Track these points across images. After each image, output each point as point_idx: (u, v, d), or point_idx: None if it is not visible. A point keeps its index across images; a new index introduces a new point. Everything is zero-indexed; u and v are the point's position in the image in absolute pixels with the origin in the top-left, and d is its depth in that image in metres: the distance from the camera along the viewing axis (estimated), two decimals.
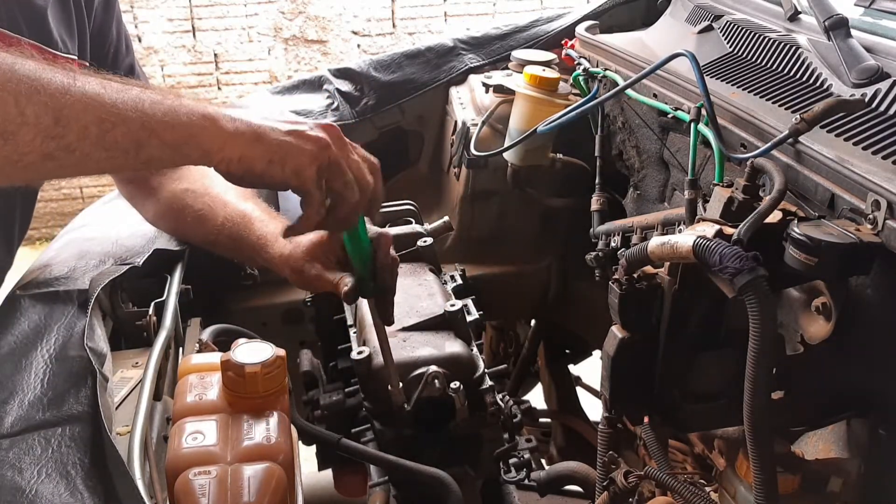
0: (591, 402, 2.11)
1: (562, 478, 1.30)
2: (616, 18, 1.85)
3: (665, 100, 1.31)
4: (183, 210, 1.24)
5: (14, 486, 0.76)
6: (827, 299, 0.88)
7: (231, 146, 0.84)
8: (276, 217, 1.22)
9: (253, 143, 0.85)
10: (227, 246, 1.23)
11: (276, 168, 0.86)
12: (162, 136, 0.79)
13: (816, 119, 0.98)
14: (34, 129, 0.71)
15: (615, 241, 1.43)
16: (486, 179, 1.74)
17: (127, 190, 1.33)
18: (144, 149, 0.79)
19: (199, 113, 0.82)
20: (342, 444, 1.11)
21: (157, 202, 1.28)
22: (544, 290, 1.92)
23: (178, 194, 1.26)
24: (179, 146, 0.81)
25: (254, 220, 1.19)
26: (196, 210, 1.23)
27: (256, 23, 5.03)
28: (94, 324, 1.00)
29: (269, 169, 0.86)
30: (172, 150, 0.81)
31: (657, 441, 1.15)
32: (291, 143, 0.87)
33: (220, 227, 1.21)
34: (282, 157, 0.86)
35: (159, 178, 1.27)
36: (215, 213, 1.22)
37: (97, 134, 0.75)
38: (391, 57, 1.85)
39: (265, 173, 0.86)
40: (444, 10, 5.21)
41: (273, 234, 1.17)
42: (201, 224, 1.23)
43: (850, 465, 0.97)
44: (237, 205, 1.23)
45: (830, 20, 1.17)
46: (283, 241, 1.14)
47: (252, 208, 1.22)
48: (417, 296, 1.22)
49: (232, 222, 1.20)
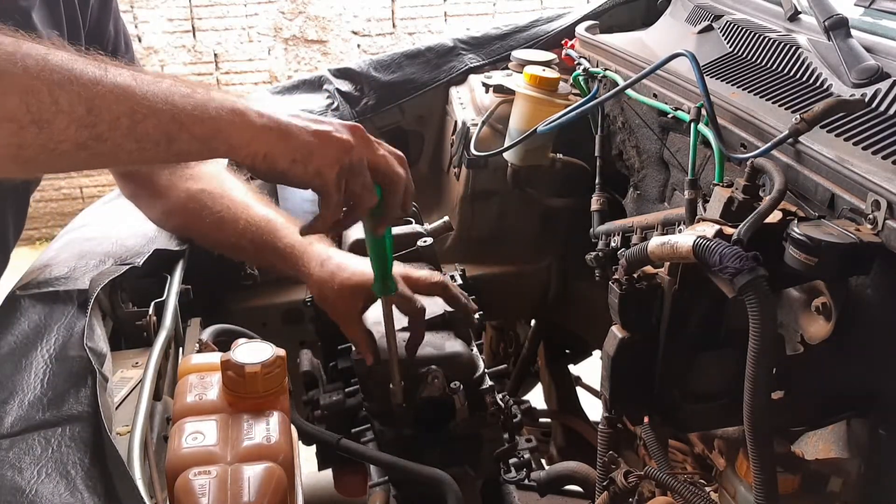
0: (591, 402, 2.11)
1: (562, 478, 1.30)
2: (616, 18, 1.85)
3: (665, 100, 1.31)
4: (200, 211, 1.24)
5: (14, 486, 0.76)
6: (827, 299, 0.88)
7: (258, 142, 0.84)
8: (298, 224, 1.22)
9: (279, 140, 0.86)
10: (249, 251, 1.23)
11: (300, 167, 0.87)
12: (191, 129, 0.80)
13: (816, 119, 0.98)
14: (68, 118, 0.72)
15: (615, 241, 1.43)
16: (486, 179, 1.74)
17: (129, 188, 1.31)
18: (175, 142, 0.79)
19: (228, 107, 0.83)
20: (342, 444, 1.11)
21: (168, 201, 1.27)
22: (544, 290, 1.92)
23: (194, 195, 1.25)
24: (208, 140, 0.82)
25: (279, 228, 1.20)
26: (215, 212, 1.23)
27: (256, 23, 5.03)
28: (93, 324, 1.00)
29: (292, 167, 0.87)
30: (201, 143, 0.82)
31: (657, 441, 1.15)
32: (317, 144, 0.87)
33: (241, 232, 1.21)
34: (305, 157, 0.87)
35: (169, 176, 1.26)
36: (236, 216, 1.22)
37: (128, 125, 0.76)
38: (391, 57, 1.85)
39: (288, 171, 0.87)
40: (444, 10, 5.21)
41: (307, 242, 1.18)
42: (221, 227, 1.23)
43: (850, 465, 0.97)
44: (259, 209, 1.23)
45: (830, 20, 1.17)
46: (318, 260, 1.15)
47: (274, 215, 1.22)
48: None
49: (256, 227, 1.20)
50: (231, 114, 0.83)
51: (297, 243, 1.18)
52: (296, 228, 1.19)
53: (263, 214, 1.22)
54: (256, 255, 1.23)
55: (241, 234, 1.21)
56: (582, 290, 1.85)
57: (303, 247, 1.17)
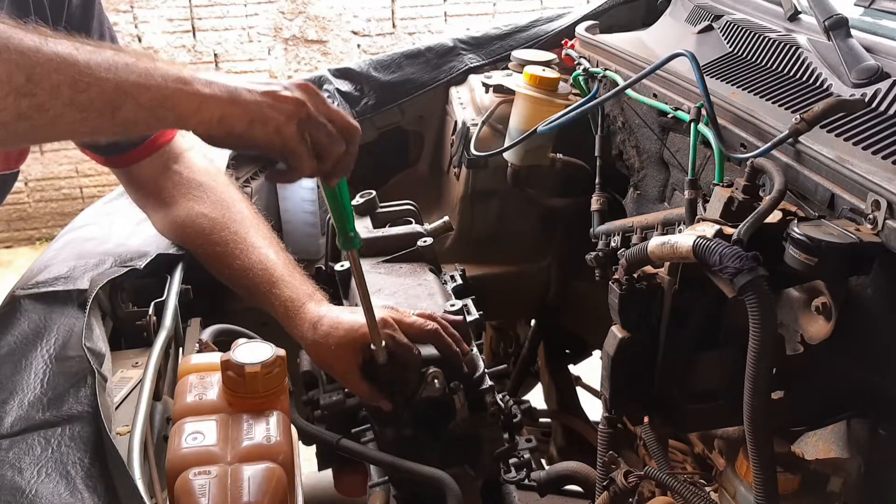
0: (591, 402, 2.11)
1: (562, 478, 1.30)
2: (616, 18, 1.85)
3: (665, 100, 1.31)
4: (196, 239, 1.23)
5: (14, 486, 0.76)
6: (827, 299, 0.88)
7: (207, 108, 0.83)
8: (299, 273, 1.20)
9: (230, 104, 0.85)
10: (243, 294, 1.21)
11: (258, 128, 0.86)
12: (137, 97, 0.79)
13: (816, 119, 0.98)
14: (7, 87, 0.71)
15: (615, 241, 1.43)
16: (486, 179, 1.74)
17: (137, 196, 1.30)
18: (120, 111, 0.78)
19: (173, 76, 0.82)
20: (342, 444, 1.11)
21: (167, 216, 1.26)
22: (544, 290, 1.92)
23: (193, 219, 1.23)
24: (154, 108, 0.81)
25: (276, 282, 1.17)
26: (213, 242, 1.21)
27: (256, 23, 5.03)
28: (92, 324, 1.00)
29: (250, 129, 0.86)
30: (148, 112, 0.80)
31: (657, 441, 1.15)
32: (269, 104, 0.86)
33: (237, 273, 1.19)
34: (262, 118, 0.86)
35: (172, 190, 1.25)
36: (233, 255, 1.20)
37: (70, 95, 0.75)
38: (391, 57, 1.85)
39: (246, 133, 0.86)
40: (444, 10, 5.20)
41: (299, 302, 1.14)
42: (216, 261, 1.22)
43: (850, 465, 0.97)
44: (260, 251, 1.20)
45: (830, 20, 1.17)
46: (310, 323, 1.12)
47: (274, 261, 1.19)
48: (417, 296, 1.22)
49: (253, 273, 1.18)
50: (177, 81, 0.82)
51: (290, 303, 1.15)
52: (295, 280, 1.17)
53: (265, 262, 1.19)
54: (249, 299, 1.21)
55: (237, 275, 1.19)
56: (582, 290, 1.85)
57: (295, 308, 1.14)
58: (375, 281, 1.26)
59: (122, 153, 1.23)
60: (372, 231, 1.42)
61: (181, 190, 1.26)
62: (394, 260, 1.35)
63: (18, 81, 0.71)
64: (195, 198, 1.25)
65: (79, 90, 0.75)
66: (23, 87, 0.72)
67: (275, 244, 1.24)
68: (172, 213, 1.25)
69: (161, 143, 1.25)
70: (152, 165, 1.25)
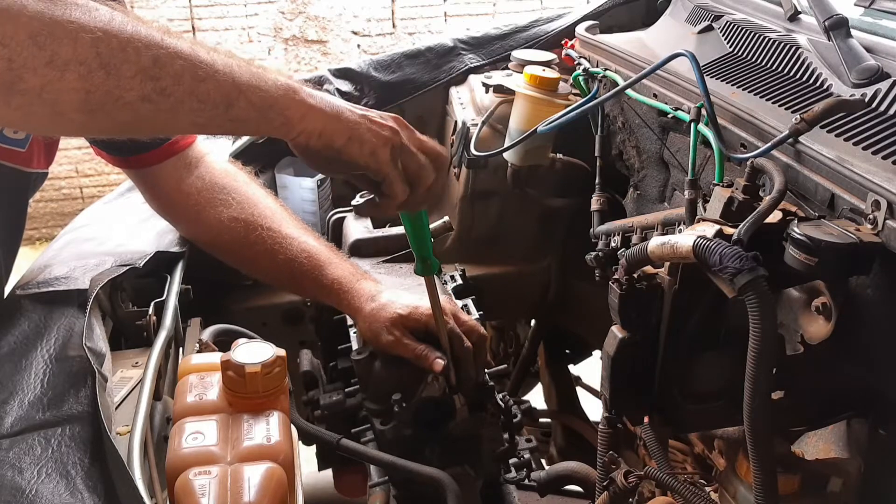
0: (591, 402, 2.11)
1: (562, 478, 1.30)
2: (616, 18, 1.85)
3: (665, 100, 1.31)
4: (234, 243, 1.24)
5: (14, 486, 0.76)
6: (827, 299, 0.88)
7: (311, 118, 0.86)
8: (341, 256, 1.23)
9: (332, 118, 0.88)
10: (288, 284, 1.24)
11: (355, 146, 0.88)
12: (249, 96, 0.81)
13: (816, 119, 0.98)
14: (135, 66, 0.73)
15: (615, 241, 1.43)
16: (486, 179, 1.74)
17: (158, 204, 1.30)
18: (233, 107, 0.81)
19: (282, 82, 0.85)
20: (342, 444, 1.11)
21: (197, 226, 1.27)
22: (544, 290, 1.92)
23: (227, 224, 1.24)
24: (265, 110, 0.83)
25: (323, 264, 1.20)
26: (251, 243, 1.23)
27: (256, 23, 5.03)
28: (92, 323, 1.00)
29: (348, 146, 0.88)
30: (258, 112, 0.83)
31: (657, 441, 1.15)
32: (367, 125, 0.90)
33: (283, 266, 1.21)
34: (360, 136, 0.88)
35: (196, 197, 1.25)
36: (276, 250, 1.22)
37: (191, 83, 0.77)
38: (391, 57, 1.85)
39: (344, 150, 0.88)
40: (444, 10, 5.21)
41: (354, 278, 1.19)
42: (258, 260, 1.23)
43: (850, 465, 0.97)
44: (300, 240, 1.23)
45: (830, 20, 1.17)
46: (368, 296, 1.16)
47: (315, 247, 1.23)
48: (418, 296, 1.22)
49: (299, 262, 1.21)
50: (286, 88, 0.85)
51: (344, 279, 1.18)
52: (340, 261, 1.21)
53: (306, 248, 1.22)
54: (296, 289, 1.24)
55: (283, 268, 1.21)
56: (582, 290, 1.85)
57: (350, 283, 1.18)
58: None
59: (140, 154, 1.22)
60: (372, 231, 1.42)
61: (206, 196, 1.25)
62: (394, 260, 1.36)
63: (146, 62, 0.73)
64: (222, 202, 1.25)
65: (199, 79, 0.77)
66: (150, 69, 0.74)
67: (310, 231, 1.27)
68: (203, 223, 1.25)
69: (181, 146, 1.25)
70: (173, 170, 1.25)
